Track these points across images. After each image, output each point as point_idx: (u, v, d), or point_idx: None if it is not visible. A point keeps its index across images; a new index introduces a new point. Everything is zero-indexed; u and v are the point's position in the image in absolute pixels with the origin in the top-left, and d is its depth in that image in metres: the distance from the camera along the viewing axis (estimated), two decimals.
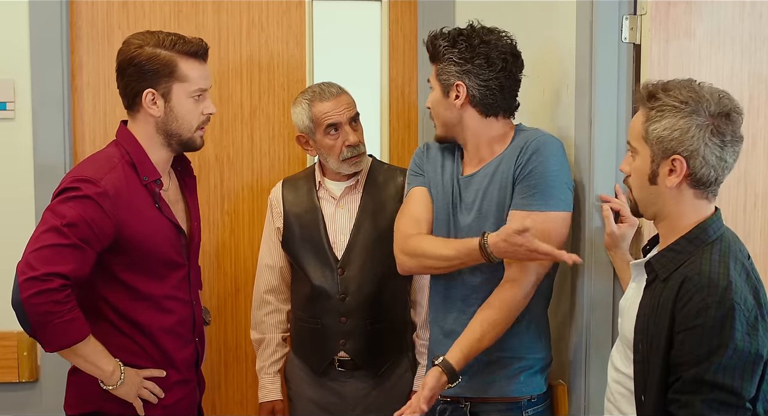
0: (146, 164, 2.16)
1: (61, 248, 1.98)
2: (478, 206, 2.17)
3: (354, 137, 2.48)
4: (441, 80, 2.19)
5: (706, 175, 1.70)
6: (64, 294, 1.97)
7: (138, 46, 2.12)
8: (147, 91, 2.13)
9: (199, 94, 2.17)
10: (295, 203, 2.58)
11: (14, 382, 2.77)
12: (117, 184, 2.08)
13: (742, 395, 1.61)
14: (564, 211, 2.11)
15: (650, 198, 1.78)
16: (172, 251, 2.19)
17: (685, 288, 1.66)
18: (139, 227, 2.10)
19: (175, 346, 2.21)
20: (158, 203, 2.16)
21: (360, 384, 2.55)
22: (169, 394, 2.20)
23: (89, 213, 2.02)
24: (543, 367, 2.21)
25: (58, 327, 1.98)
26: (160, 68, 2.12)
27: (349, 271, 2.50)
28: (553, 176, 2.09)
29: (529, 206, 2.08)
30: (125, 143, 2.17)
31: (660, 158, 1.72)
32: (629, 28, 2.15)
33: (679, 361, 1.65)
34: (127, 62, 2.13)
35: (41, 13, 2.73)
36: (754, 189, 2.17)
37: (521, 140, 2.16)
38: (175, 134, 2.18)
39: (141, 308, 2.15)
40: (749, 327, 1.61)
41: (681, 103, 1.69)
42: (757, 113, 2.15)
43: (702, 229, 1.73)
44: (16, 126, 2.75)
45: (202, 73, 2.18)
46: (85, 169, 2.10)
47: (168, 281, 2.19)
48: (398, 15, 2.89)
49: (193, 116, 2.18)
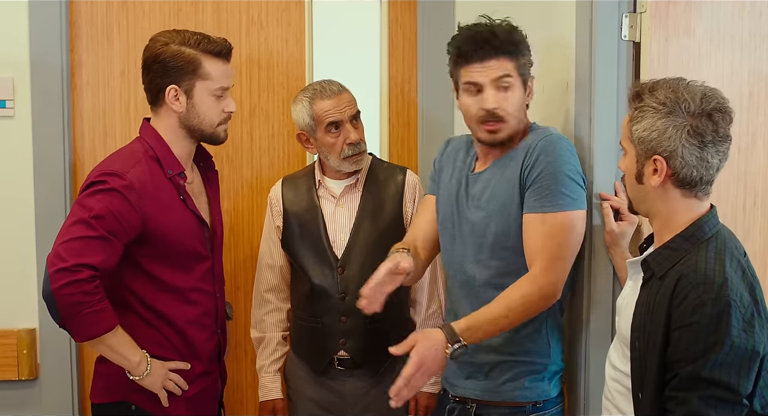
0: (170, 157, 2.21)
1: (90, 240, 2.04)
2: (484, 204, 2.16)
3: (355, 135, 2.48)
4: (520, 75, 2.12)
5: (689, 175, 1.71)
6: (93, 285, 2.02)
7: (164, 44, 2.18)
8: (170, 88, 2.19)
9: (221, 92, 2.23)
10: (295, 202, 2.58)
11: (14, 380, 2.77)
12: (142, 177, 2.13)
13: (739, 391, 1.61)
14: (578, 209, 2.07)
15: (640, 196, 1.81)
16: (197, 244, 2.25)
17: (681, 286, 1.66)
18: (165, 220, 2.16)
19: (200, 338, 2.26)
20: (182, 196, 2.22)
21: (359, 382, 2.55)
22: (192, 386, 2.24)
23: (116, 206, 2.07)
24: (552, 372, 2.17)
25: (88, 317, 2.03)
26: (184, 65, 2.18)
27: (349, 270, 2.50)
28: (562, 176, 2.05)
29: (541, 208, 2.05)
30: (148, 138, 2.23)
31: (643, 157, 1.74)
32: (629, 26, 2.15)
33: (675, 358, 1.65)
34: (153, 59, 2.19)
35: (41, 11, 2.73)
36: (754, 187, 2.17)
37: (530, 140, 2.12)
38: (197, 129, 2.24)
39: (167, 299, 2.19)
40: (745, 324, 1.62)
41: (660, 104, 1.71)
42: (757, 111, 2.15)
43: (697, 226, 1.74)
44: (15, 124, 2.75)
45: (225, 72, 2.24)
46: (112, 163, 2.16)
47: (193, 274, 2.24)
48: (398, 13, 2.89)
49: (214, 113, 2.24)
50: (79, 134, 2.83)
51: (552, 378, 2.18)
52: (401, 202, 2.54)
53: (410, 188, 2.56)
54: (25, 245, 2.75)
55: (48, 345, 2.77)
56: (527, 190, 2.07)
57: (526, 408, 2.15)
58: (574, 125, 2.27)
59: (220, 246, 2.38)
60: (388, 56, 2.90)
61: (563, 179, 2.05)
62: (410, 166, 2.75)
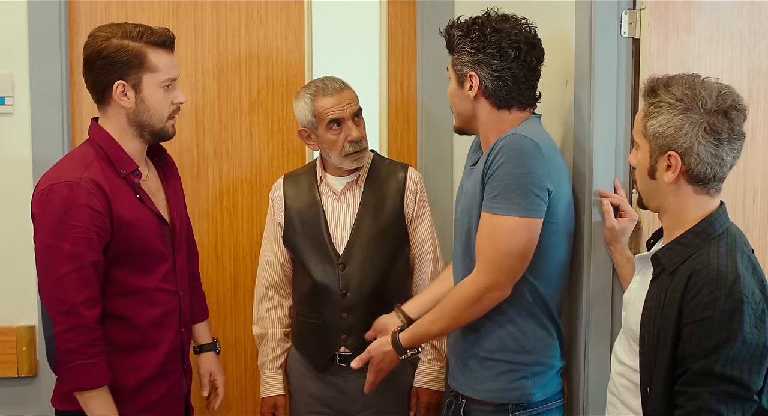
0: (122, 156, 2.15)
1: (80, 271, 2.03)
2: (464, 199, 2.18)
3: (357, 133, 2.48)
4: (456, 70, 2.15)
5: (703, 172, 1.71)
6: (94, 336, 2.04)
7: (105, 39, 2.10)
8: (117, 83, 2.11)
9: (169, 83, 2.16)
10: (297, 199, 2.58)
11: (13, 377, 2.77)
12: (97, 179, 2.07)
13: (750, 387, 1.62)
14: (519, 216, 1.99)
15: (651, 192, 1.80)
16: (158, 242, 2.18)
17: (694, 281, 1.67)
18: (124, 220, 2.10)
19: (163, 338, 2.21)
20: (139, 194, 2.16)
21: (360, 379, 2.52)
22: (157, 386, 2.20)
23: (83, 219, 2.03)
24: (535, 373, 2.13)
25: (81, 368, 2.03)
26: (129, 59, 2.10)
27: (350, 267, 2.50)
28: (512, 179, 1.99)
29: (489, 208, 2.03)
30: (98, 139, 2.16)
31: (657, 153, 1.74)
32: (628, 23, 2.15)
33: (686, 353, 1.65)
34: (96, 55, 2.11)
35: (40, 7, 2.72)
36: (754, 183, 2.18)
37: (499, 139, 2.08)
38: (147, 124, 2.16)
39: (128, 302, 2.14)
40: (757, 320, 1.62)
41: (676, 100, 1.70)
42: (757, 108, 2.16)
43: (708, 222, 1.74)
44: (14, 121, 2.75)
45: (171, 63, 2.17)
46: (62, 170, 2.10)
47: (155, 274, 2.18)
48: (397, 10, 2.89)
49: (164, 105, 2.17)
50: (78, 131, 2.83)
51: (535, 377, 2.13)
52: (402, 199, 2.54)
53: (411, 185, 2.55)
54: (24, 243, 2.74)
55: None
56: (485, 188, 2.06)
57: (508, 407, 2.12)
58: (573, 122, 2.27)
59: (181, 243, 2.31)
60: (388, 53, 2.90)
61: (512, 182, 2.00)
62: (409, 163, 2.75)
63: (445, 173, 2.82)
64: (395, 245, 2.54)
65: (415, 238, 2.57)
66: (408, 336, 2.17)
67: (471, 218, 2.11)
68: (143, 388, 2.17)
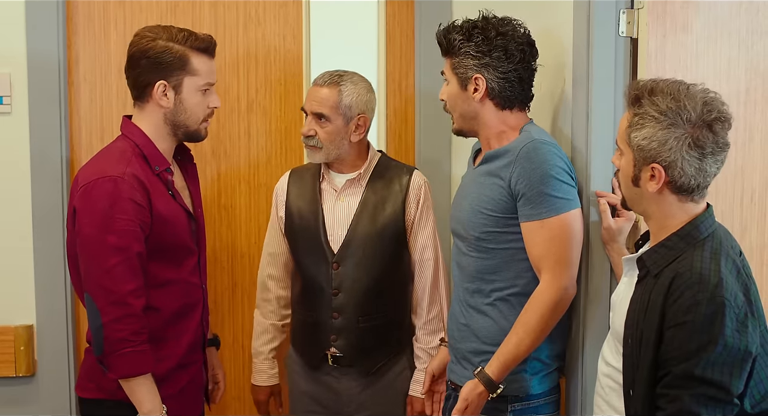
0: (156, 154, 2.22)
1: (126, 262, 2.08)
2: (473, 199, 2.19)
3: (306, 128, 2.48)
4: (458, 73, 2.18)
5: (687, 183, 1.71)
6: (141, 324, 2.10)
7: (151, 39, 2.19)
8: (159, 83, 2.19)
9: (207, 88, 2.26)
10: (298, 194, 2.57)
11: (11, 377, 2.76)
12: (138, 175, 2.14)
13: (731, 390, 1.62)
14: (573, 209, 2.10)
15: (635, 198, 1.81)
16: (188, 237, 2.27)
17: (676, 284, 1.67)
18: (161, 215, 2.17)
19: (187, 328, 2.27)
20: (171, 191, 2.23)
21: (353, 381, 2.53)
22: (179, 377, 2.25)
23: (129, 213, 2.09)
24: (534, 367, 2.16)
25: (129, 355, 2.08)
26: (173, 61, 2.19)
27: (344, 266, 2.48)
28: (551, 179, 2.07)
29: (538, 216, 2.07)
30: (132, 136, 2.23)
31: (641, 163, 1.74)
32: (626, 22, 2.15)
33: (668, 356, 1.66)
34: (141, 53, 2.20)
35: (38, 7, 2.72)
36: (751, 183, 2.17)
37: (515, 145, 2.13)
38: (183, 125, 2.25)
39: (161, 293, 2.20)
40: (739, 324, 1.62)
41: (660, 113, 1.69)
42: (754, 108, 2.16)
43: (694, 226, 1.74)
44: (12, 120, 2.74)
45: (211, 68, 2.26)
46: (105, 165, 2.15)
47: (184, 267, 2.26)
48: (395, 9, 2.89)
49: (201, 108, 2.25)
50: (76, 130, 2.83)
51: (532, 372, 2.17)
52: (404, 202, 2.50)
53: (415, 189, 2.51)
54: (23, 242, 2.75)
55: (45, 342, 2.77)
56: (519, 200, 2.09)
57: (508, 398, 2.15)
58: (571, 122, 2.27)
59: (203, 239, 2.40)
60: (386, 52, 2.89)
61: (552, 182, 2.07)
62: (407, 162, 2.74)
63: (442, 173, 2.81)
64: (393, 249, 2.51)
65: (417, 243, 2.53)
66: (496, 367, 2.10)
67: (486, 218, 2.14)
68: (168, 378, 2.23)
